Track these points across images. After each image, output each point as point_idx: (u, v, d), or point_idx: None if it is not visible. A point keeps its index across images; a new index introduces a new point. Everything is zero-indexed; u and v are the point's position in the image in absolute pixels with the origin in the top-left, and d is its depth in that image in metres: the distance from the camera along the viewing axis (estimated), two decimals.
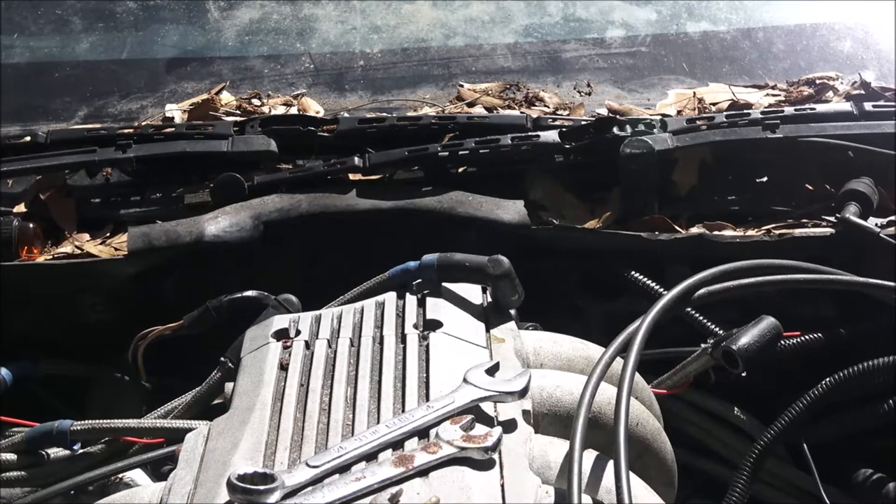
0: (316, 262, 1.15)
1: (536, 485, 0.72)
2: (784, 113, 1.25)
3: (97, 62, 1.63)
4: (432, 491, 0.68)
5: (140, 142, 1.23)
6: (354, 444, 0.73)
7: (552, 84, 1.51)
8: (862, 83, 1.38)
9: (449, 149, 1.21)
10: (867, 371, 0.96)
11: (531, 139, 1.21)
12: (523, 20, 1.69)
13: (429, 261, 0.96)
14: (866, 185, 1.17)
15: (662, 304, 0.91)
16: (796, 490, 1.06)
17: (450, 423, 0.74)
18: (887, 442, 1.05)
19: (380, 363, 0.84)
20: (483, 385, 0.77)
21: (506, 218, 1.13)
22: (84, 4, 1.71)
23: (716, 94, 1.42)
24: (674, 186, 1.23)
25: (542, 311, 1.00)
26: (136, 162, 1.22)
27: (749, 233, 1.16)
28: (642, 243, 1.12)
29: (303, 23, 1.66)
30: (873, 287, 1.01)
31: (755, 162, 1.24)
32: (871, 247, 1.10)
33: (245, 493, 0.68)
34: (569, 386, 0.83)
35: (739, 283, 1.01)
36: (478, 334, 0.89)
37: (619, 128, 1.21)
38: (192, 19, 1.69)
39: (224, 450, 0.76)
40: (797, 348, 1.05)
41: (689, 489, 1.06)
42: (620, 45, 1.62)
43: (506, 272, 0.92)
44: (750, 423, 1.08)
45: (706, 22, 1.69)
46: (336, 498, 0.68)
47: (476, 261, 0.94)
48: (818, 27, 1.65)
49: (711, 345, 1.00)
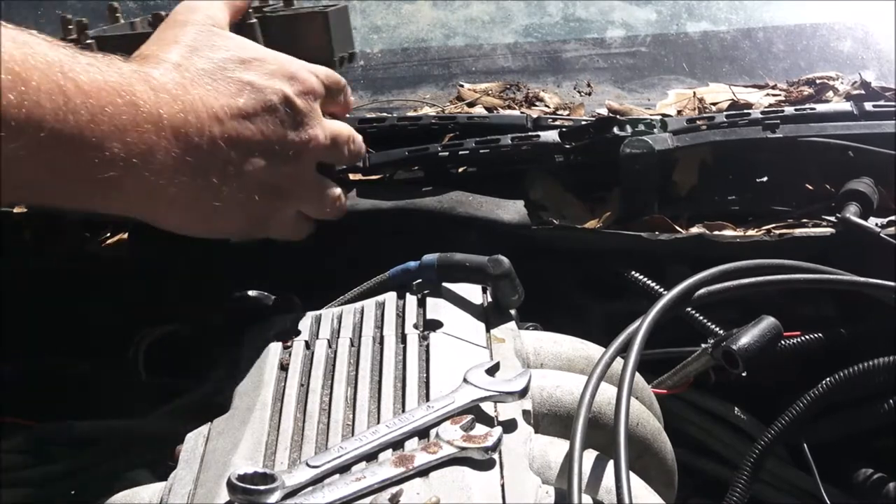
0: (316, 261, 1.15)
1: (536, 485, 0.72)
2: (784, 113, 1.25)
3: None
4: (432, 491, 0.68)
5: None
6: (354, 444, 0.73)
7: (552, 84, 1.51)
8: (862, 83, 1.38)
9: (449, 149, 1.21)
10: (867, 371, 0.96)
11: (531, 139, 1.21)
12: (523, 20, 1.69)
13: (429, 261, 0.96)
14: (866, 185, 1.17)
15: (662, 304, 0.91)
16: (796, 490, 1.06)
17: (450, 423, 0.74)
18: (887, 442, 1.05)
19: (380, 363, 0.84)
20: (483, 385, 0.77)
21: (506, 218, 1.13)
22: (84, 4, 1.71)
23: (716, 93, 1.42)
24: (674, 186, 1.22)
25: (542, 311, 1.00)
26: None
27: (749, 233, 1.16)
28: (642, 243, 1.12)
29: None
30: (873, 287, 1.01)
31: (755, 162, 1.24)
32: (871, 247, 1.10)
33: (245, 493, 0.68)
34: (569, 386, 0.83)
35: (740, 283, 1.01)
36: (478, 334, 0.89)
37: (619, 128, 1.21)
38: None
39: (224, 450, 0.76)
40: (797, 348, 1.05)
41: (689, 489, 1.06)
42: (620, 45, 1.62)
43: (506, 272, 0.92)
44: (750, 423, 1.08)
45: (706, 22, 1.70)
46: (336, 498, 0.68)
47: (476, 261, 0.94)
48: (818, 27, 1.65)
49: (712, 345, 1.00)
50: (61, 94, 0.73)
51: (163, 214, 0.86)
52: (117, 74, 0.78)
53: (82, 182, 0.76)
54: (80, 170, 0.75)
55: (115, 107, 0.76)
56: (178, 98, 0.82)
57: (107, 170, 0.76)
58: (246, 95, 0.87)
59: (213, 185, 0.85)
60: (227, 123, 0.85)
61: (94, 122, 0.74)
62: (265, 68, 0.90)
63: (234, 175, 0.86)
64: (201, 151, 0.83)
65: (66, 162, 0.74)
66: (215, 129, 0.84)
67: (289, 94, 0.90)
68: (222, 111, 0.85)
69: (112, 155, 0.76)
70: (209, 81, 0.86)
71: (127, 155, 0.77)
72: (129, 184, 0.78)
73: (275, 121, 0.89)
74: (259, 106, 0.88)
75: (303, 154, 0.92)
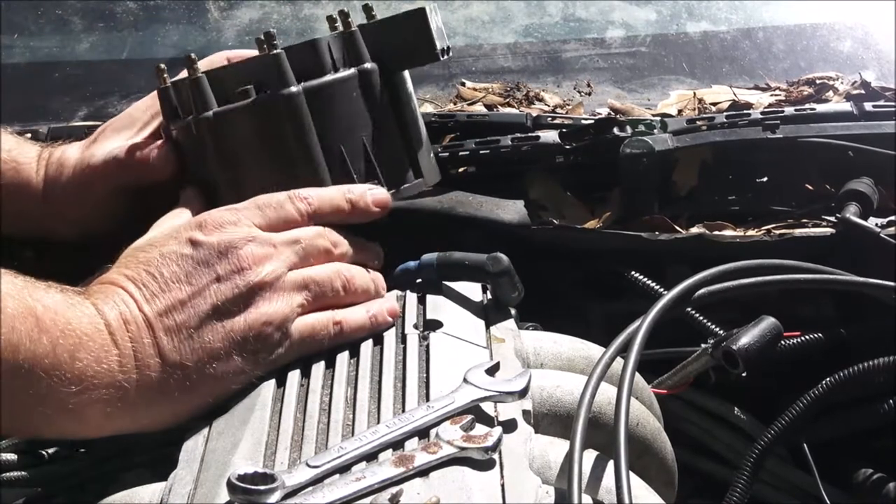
0: None
1: (536, 485, 0.72)
2: (784, 113, 1.25)
3: (97, 62, 1.63)
4: (432, 491, 0.68)
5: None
6: (354, 444, 0.73)
7: (552, 84, 1.51)
8: (862, 83, 1.38)
9: (449, 149, 1.21)
10: (867, 371, 0.96)
11: (531, 140, 1.21)
12: (523, 20, 1.69)
13: (428, 260, 0.96)
14: (866, 185, 1.17)
15: (662, 304, 0.91)
16: (796, 490, 1.06)
17: (450, 423, 0.74)
18: (887, 442, 1.05)
19: (380, 363, 0.84)
20: (483, 385, 0.77)
21: (506, 218, 1.13)
22: (84, 4, 1.71)
23: (717, 94, 1.42)
24: (674, 186, 1.23)
25: (542, 311, 1.00)
26: None
27: (749, 233, 1.16)
28: (642, 243, 1.12)
29: (303, 23, 1.66)
30: (873, 287, 1.01)
31: (755, 162, 1.24)
32: (871, 247, 1.10)
33: (245, 493, 0.68)
34: (569, 386, 0.83)
35: (740, 283, 1.01)
36: (478, 334, 0.89)
37: (619, 128, 1.21)
38: (192, 19, 1.69)
39: (224, 450, 0.76)
40: (797, 348, 1.05)
41: (689, 489, 1.06)
42: (620, 45, 1.62)
43: (505, 269, 0.93)
44: (750, 423, 1.08)
45: (706, 22, 1.69)
46: (336, 498, 0.68)
47: (475, 259, 0.94)
48: (818, 27, 1.65)
49: (712, 345, 1.00)
50: (32, 315, 0.73)
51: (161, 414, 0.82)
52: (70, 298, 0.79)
53: (54, 403, 0.75)
54: (51, 390, 0.74)
55: (77, 320, 0.77)
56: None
57: (78, 384, 0.75)
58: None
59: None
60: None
61: (63, 336, 0.74)
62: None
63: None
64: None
65: (37, 385, 0.73)
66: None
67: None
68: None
69: (82, 367, 0.75)
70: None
71: (96, 364, 0.76)
72: (98, 395, 0.76)
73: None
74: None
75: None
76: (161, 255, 0.83)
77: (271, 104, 0.97)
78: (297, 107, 0.97)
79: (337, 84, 1.00)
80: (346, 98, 1.00)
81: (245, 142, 0.98)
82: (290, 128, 0.97)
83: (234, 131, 0.98)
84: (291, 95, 0.97)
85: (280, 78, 0.97)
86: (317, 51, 1.00)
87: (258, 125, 0.97)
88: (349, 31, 1.02)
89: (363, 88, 1.01)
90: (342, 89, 1.00)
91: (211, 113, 0.98)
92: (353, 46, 1.02)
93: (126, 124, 1.10)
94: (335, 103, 1.00)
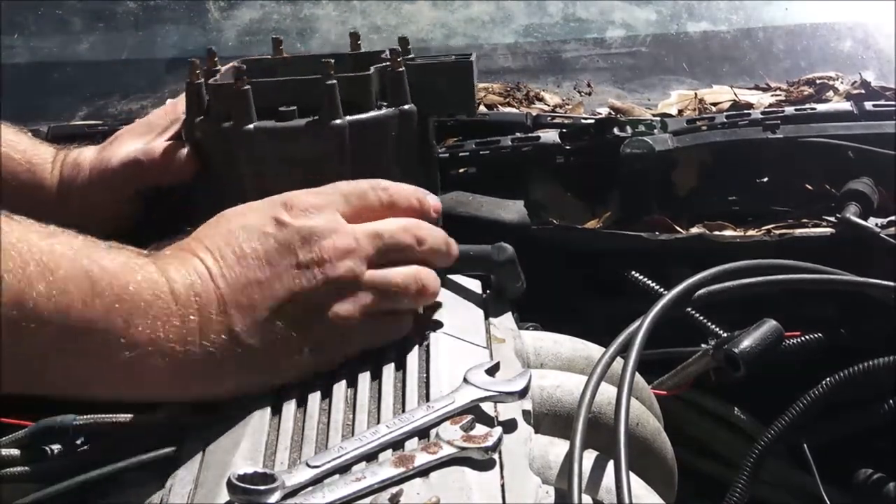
0: None
1: (536, 485, 0.72)
2: (784, 113, 1.25)
3: (97, 62, 1.63)
4: (432, 491, 0.68)
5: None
6: (354, 444, 0.73)
7: (552, 84, 1.51)
8: (862, 83, 1.38)
9: (450, 150, 1.21)
10: (867, 371, 0.96)
11: (532, 140, 1.21)
12: (523, 20, 1.69)
13: None
14: (866, 185, 1.17)
15: (662, 304, 0.91)
16: (796, 490, 1.06)
17: (450, 424, 0.74)
18: (887, 442, 1.05)
19: (380, 363, 0.84)
20: (483, 385, 0.77)
21: (506, 218, 1.13)
22: (84, 4, 1.71)
23: (717, 94, 1.42)
24: (674, 187, 1.23)
25: (542, 310, 1.00)
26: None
27: (749, 233, 1.16)
28: (642, 243, 1.12)
29: (303, 23, 1.66)
30: (873, 287, 1.01)
31: (755, 162, 1.24)
32: (871, 247, 1.10)
33: (245, 493, 0.68)
34: (569, 386, 0.83)
35: (740, 283, 1.01)
36: (478, 334, 0.89)
37: (619, 128, 1.21)
38: (192, 19, 1.70)
39: (224, 450, 0.76)
40: (798, 349, 1.05)
41: (690, 489, 1.06)
42: (620, 45, 1.62)
43: (510, 258, 0.93)
44: (750, 423, 1.08)
45: (706, 22, 1.70)
46: (336, 498, 0.68)
47: (480, 249, 0.94)
48: (818, 27, 1.65)
49: (712, 346, 1.00)
50: (87, 278, 0.73)
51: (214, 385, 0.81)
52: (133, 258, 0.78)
53: (108, 367, 0.74)
54: (105, 354, 0.74)
55: (137, 285, 0.75)
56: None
57: (132, 350, 0.74)
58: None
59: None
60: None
61: (119, 301, 0.74)
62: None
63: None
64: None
65: (89, 348, 0.73)
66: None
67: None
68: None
69: (137, 333, 0.74)
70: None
71: (152, 332, 0.75)
72: (154, 362, 0.76)
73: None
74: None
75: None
76: (243, 229, 0.82)
77: (317, 131, 0.98)
78: (342, 138, 0.98)
79: (380, 121, 1.01)
80: (384, 135, 1.01)
81: (282, 159, 0.99)
82: (330, 156, 0.98)
83: (273, 149, 0.99)
84: (339, 127, 0.98)
85: (331, 108, 0.98)
86: (366, 85, 1.01)
87: (298, 148, 0.98)
88: (398, 71, 1.03)
89: (401, 127, 1.02)
90: (383, 127, 1.01)
91: (252, 126, 0.98)
92: (398, 86, 1.03)
93: (145, 129, 1.11)
94: (374, 138, 1.01)
